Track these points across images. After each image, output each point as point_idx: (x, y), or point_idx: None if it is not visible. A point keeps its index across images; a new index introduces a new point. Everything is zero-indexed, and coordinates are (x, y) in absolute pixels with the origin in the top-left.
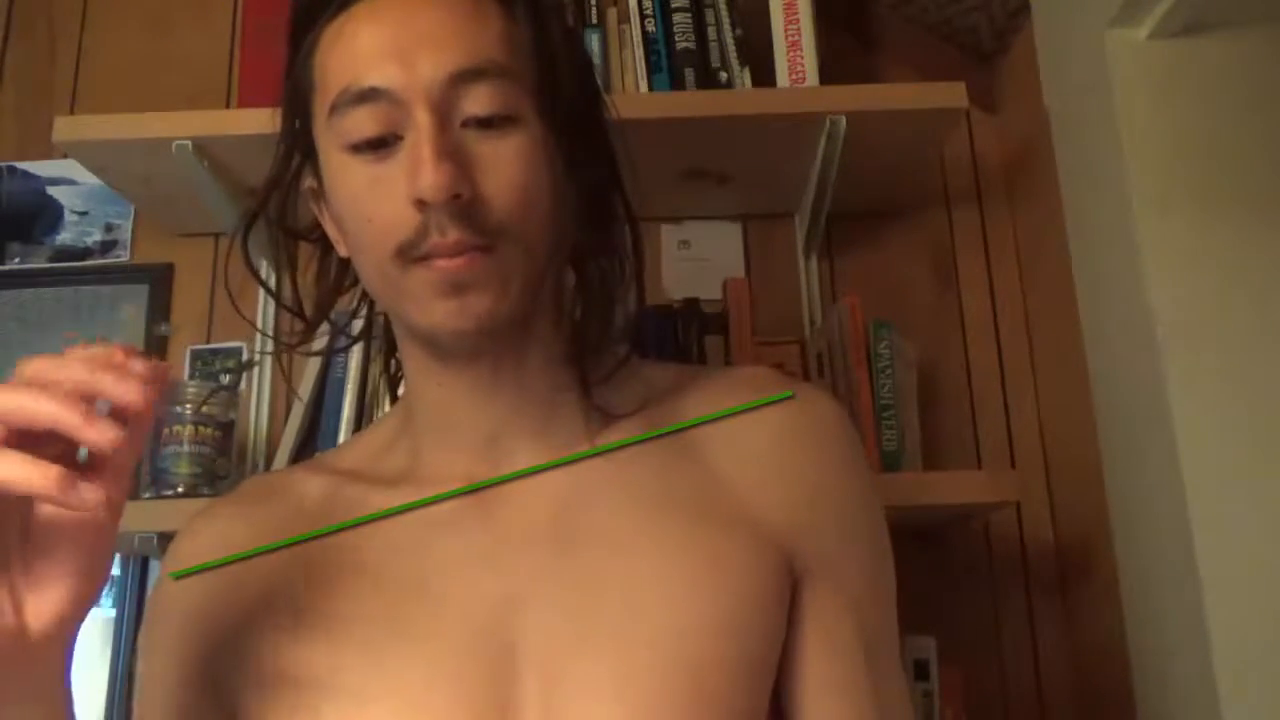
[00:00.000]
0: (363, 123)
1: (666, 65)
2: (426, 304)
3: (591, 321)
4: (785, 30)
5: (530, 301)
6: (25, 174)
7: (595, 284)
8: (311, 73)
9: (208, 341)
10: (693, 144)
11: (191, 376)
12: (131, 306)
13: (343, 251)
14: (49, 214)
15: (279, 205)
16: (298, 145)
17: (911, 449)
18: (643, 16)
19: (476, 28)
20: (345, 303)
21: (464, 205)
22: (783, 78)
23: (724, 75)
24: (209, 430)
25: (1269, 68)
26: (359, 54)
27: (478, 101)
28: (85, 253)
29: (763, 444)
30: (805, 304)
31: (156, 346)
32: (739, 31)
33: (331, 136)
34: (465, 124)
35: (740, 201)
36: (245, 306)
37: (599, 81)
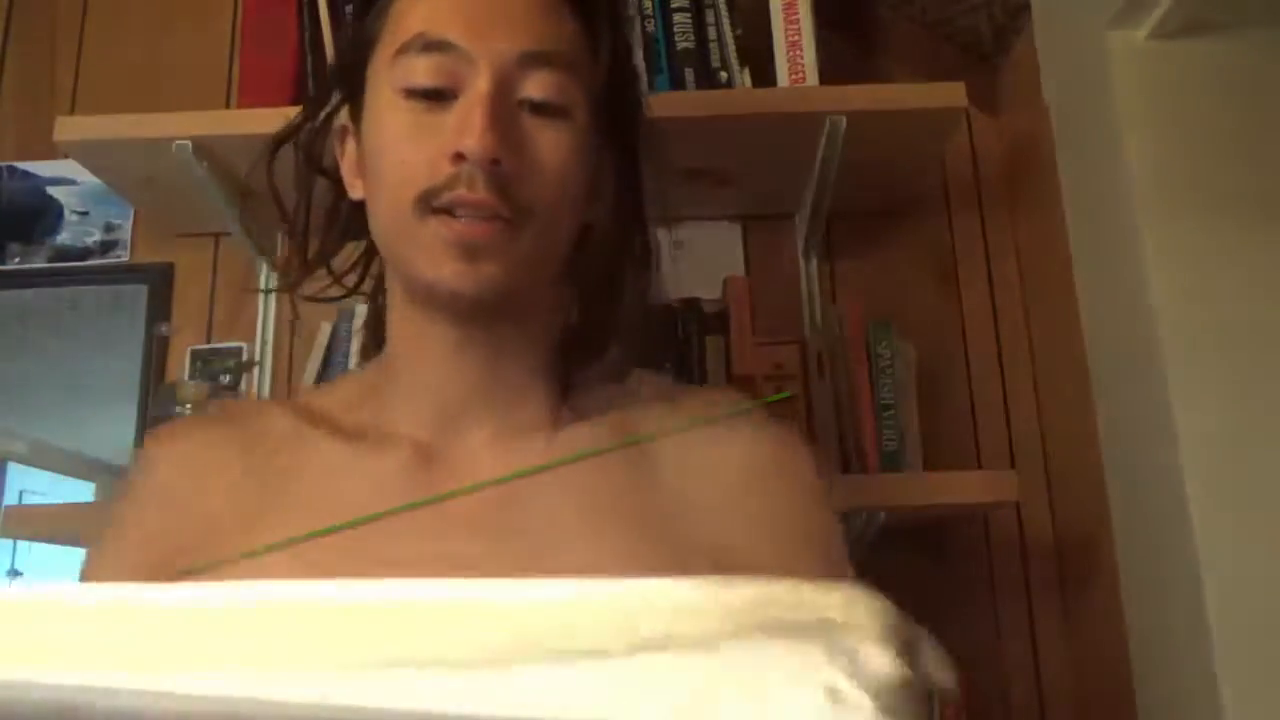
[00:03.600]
0: (425, 70)
1: (666, 65)
2: (437, 258)
3: (589, 323)
4: (785, 30)
5: (531, 284)
6: (25, 174)
7: (601, 288)
8: (384, 18)
9: (208, 341)
10: (693, 144)
11: (191, 376)
12: (131, 306)
13: (356, 194)
14: (49, 214)
15: (309, 136)
16: (343, 82)
17: (911, 449)
18: (643, 16)
19: (553, 20)
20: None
21: (500, 173)
22: (783, 78)
23: (724, 75)
24: None
25: (1269, 68)
26: (439, 8)
27: (537, 85)
28: (85, 253)
29: (724, 470)
30: (805, 304)
31: (156, 346)
32: (739, 31)
33: (389, 76)
34: (521, 103)
35: (740, 201)
36: (246, 305)
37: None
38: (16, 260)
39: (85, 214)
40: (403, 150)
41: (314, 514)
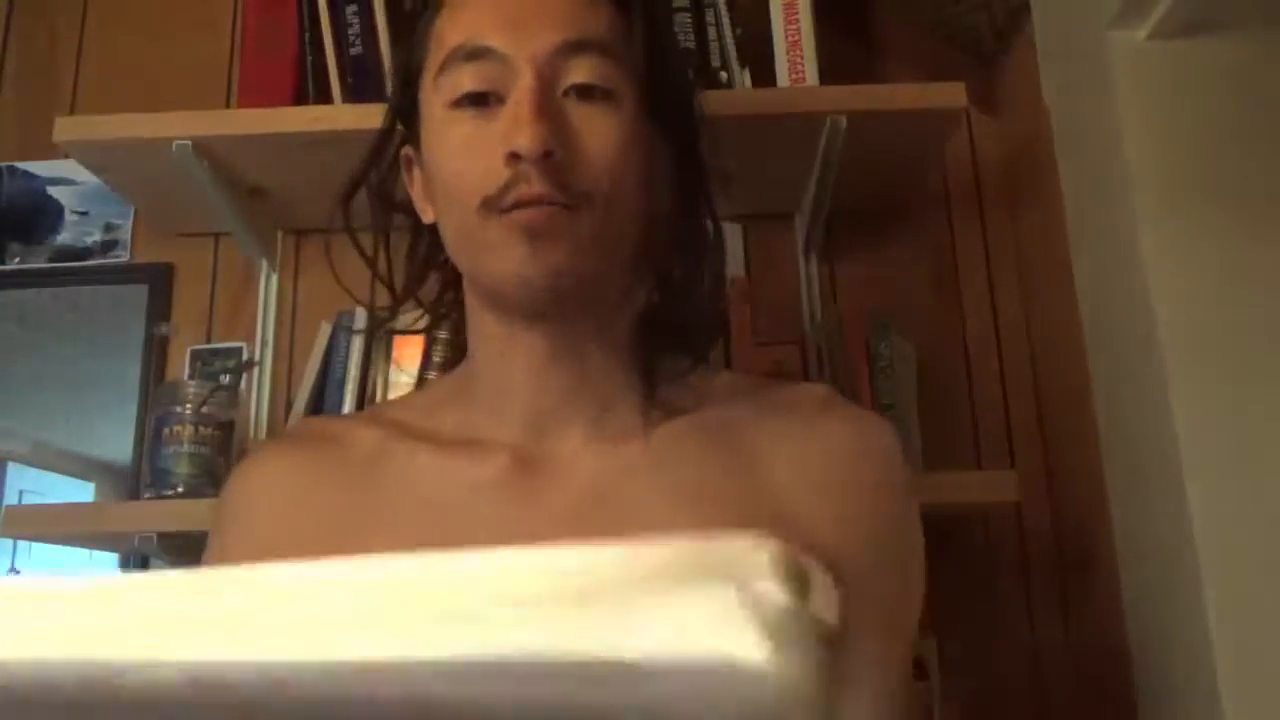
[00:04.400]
0: (469, 78)
1: None
2: (502, 251)
3: (671, 318)
4: (785, 30)
5: (603, 270)
6: (25, 174)
7: (677, 281)
8: (428, 40)
9: (208, 341)
10: None
11: (191, 376)
12: (131, 306)
13: (428, 218)
14: (49, 214)
15: (379, 174)
16: (400, 114)
17: (911, 449)
18: None
19: (588, 10)
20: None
21: (555, 164)
22: (783, 78)
23: (724, 75)
24: (209, 430)
25: (1269, 68)
26: (476, 19)
27: (580, 71)
28: (85, 253)
29: (820, 461)
30: (805, 304)
31: (156, 346)
32: (739, 31)
33: (437, 94)
34: (566, 93)
35: (740, 201)
36: (245, 305)
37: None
38: (16, 260)
39: (85, 214)
40: (460, 162)
41: (417, 523)
